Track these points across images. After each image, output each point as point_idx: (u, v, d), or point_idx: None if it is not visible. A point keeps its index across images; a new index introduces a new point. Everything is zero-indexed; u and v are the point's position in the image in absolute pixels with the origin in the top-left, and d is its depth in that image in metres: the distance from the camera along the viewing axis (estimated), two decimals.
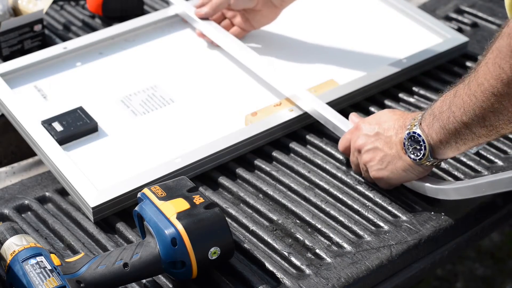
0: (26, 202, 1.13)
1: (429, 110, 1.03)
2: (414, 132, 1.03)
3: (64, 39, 1.47)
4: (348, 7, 1.53)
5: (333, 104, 1.26)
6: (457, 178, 1.16)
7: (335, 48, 1.42)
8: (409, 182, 1.11)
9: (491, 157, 1.20)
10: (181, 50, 1.41)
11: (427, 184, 1.09)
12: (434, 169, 1.16)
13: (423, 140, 1.02)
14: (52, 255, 0.95)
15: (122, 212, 1.11)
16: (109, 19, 1.54)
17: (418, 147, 1.03)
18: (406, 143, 1.05)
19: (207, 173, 1.17)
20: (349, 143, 1.15)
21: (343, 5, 1.54)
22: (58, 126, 1.20)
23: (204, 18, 1.41)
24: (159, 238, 0.96)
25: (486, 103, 0.91)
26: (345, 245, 1.05)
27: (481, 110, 0.92)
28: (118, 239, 1.07)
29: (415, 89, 1.36)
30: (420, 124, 1.03)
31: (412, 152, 1.05)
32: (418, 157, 1.04)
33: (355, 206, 1.11)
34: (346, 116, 1.21)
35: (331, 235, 1.06)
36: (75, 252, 1.05)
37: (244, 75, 1.36)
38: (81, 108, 1.24)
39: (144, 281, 1.00)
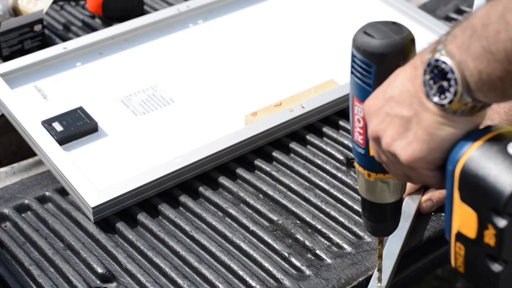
0: (26, 201, 1.13)
1: (464, 23, 0.66)
2: (437, 60, 0.68)
3: (64, 39, 1.47)
4: (348, 7, 1.53)
5: (333, 104, 1.26)
6: None
7: (335, 48, 1.42)
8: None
9: None
10: (181, 50, 1.41)
11: None
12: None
13: (451, 70, 0.67)
14: None
15: (122, 212, 1.11)
16: (109, 19, 1.54)
17: (446, 84, 0.68)
18: (427, 81, 0.69)
19: (207, 173, 1.17)
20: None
21: (343, 5, 1.54)
22: (58, 126, 1.20)
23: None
24: None
25: None
26: (345, 246, 1.05)
27: None
28: (118, 239, 1.07)
29: None
30: (446, 46, 0.67)
31: (436, 94, 0.69)
32: (447, 99, 0.68)
33: (355, 207, 1.11)
34: (346, 116, 1.21)
35: (331, 236, 1.06)
36: (75, 252, 1.05)
37: (244, 75, 1.36)
38: (81, 108, 1.24)
39: (144, 281, 1.00)
